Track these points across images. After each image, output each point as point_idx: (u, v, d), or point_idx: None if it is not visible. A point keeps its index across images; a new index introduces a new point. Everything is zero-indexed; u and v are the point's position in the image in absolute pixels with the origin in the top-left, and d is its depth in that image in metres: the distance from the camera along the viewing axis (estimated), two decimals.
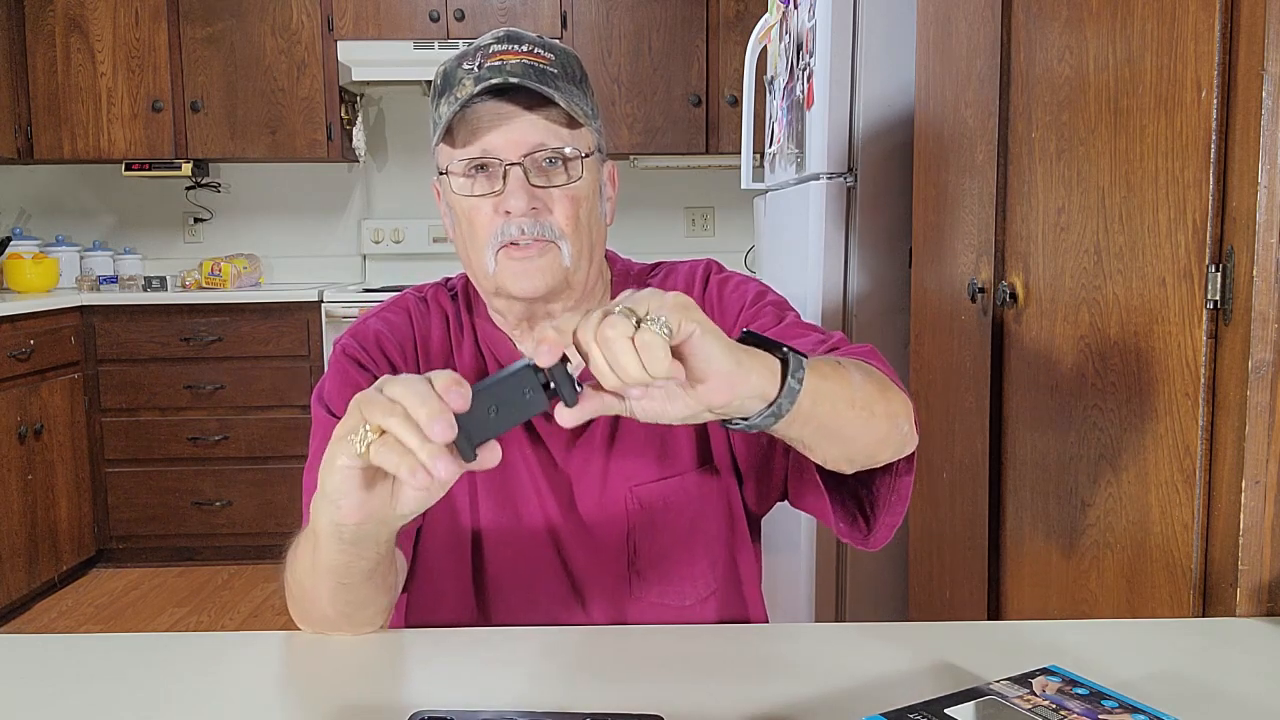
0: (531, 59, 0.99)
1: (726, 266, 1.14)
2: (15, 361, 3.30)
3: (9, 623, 3.29)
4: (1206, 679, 0.81)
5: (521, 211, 0.98)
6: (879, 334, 2.35)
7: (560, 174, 1.00)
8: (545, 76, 0.99)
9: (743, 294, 1.09)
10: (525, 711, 0.73)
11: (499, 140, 0.98)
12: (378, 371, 1.06)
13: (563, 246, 1.00)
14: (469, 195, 1.00)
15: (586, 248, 1.03)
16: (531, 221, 0.99)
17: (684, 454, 1.07)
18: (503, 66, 0.98)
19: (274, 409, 3.76)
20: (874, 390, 0.85)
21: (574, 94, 1.01)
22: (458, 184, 1.01)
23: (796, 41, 2.53)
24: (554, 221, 1.00)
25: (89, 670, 0.85)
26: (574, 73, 1.03)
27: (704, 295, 1.09)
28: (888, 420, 0.86)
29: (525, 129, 0.98)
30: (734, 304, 1.08)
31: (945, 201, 1.88)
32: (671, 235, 4.33)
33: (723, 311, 1.08)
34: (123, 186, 4.27)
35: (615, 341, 0.68)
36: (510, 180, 0.98)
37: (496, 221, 0.99)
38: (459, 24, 3.89)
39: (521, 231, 0.99)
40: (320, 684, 0.83)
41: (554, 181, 1.00)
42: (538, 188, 0.99)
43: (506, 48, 1.00)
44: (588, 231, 1.03)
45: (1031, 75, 1.52)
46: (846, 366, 0.85)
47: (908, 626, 0.95)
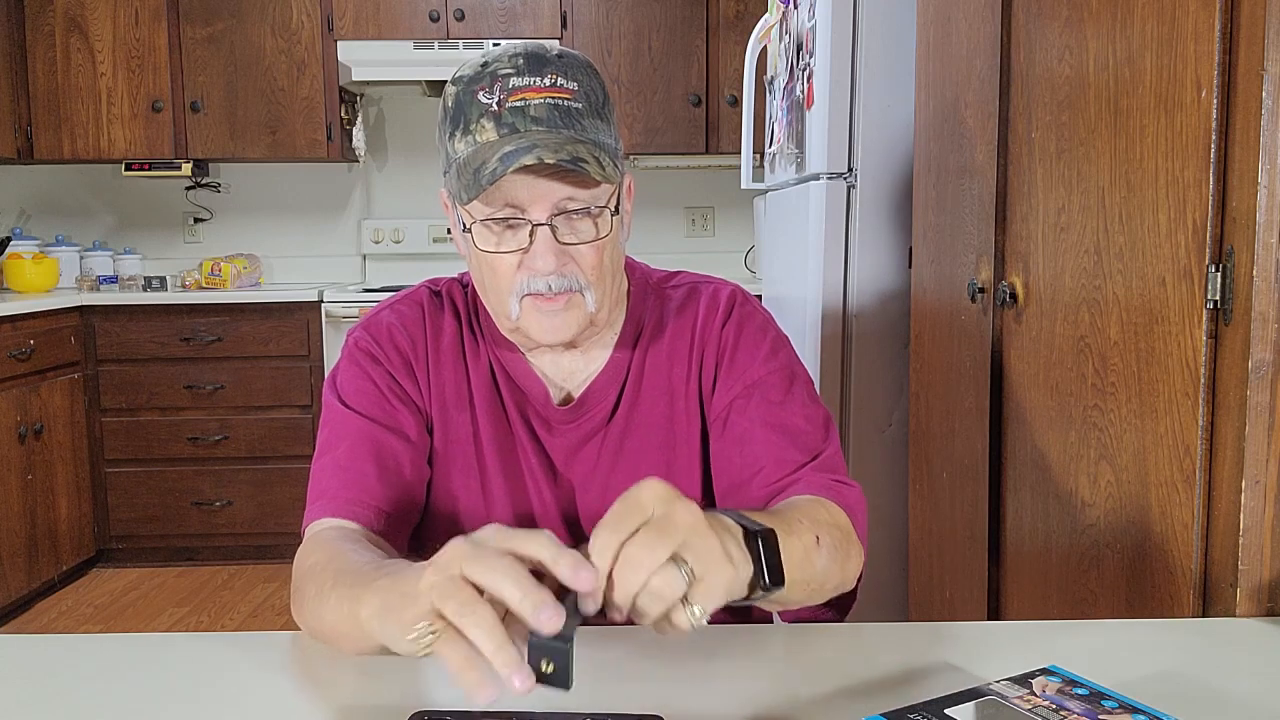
0: (555, 95, 0.95)
1: (750, 295, 1.13)
2: (15, 361, 3.30)
3: (9, 623, 3.29)
4: (1206, 679, 0.81)
5: (549, 271, 0.96)
6: (879, 334, 2.35)
7: (588, 228, 0.97)
8: (570, 117, 0.95)
9: (758, 347, 1.07)
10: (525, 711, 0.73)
11: (525, 198, 0.95)
12: (390, 366, 1.06)
13: (588, 295, 0.99)
14: (495, 251, 0.98)
15: (610, 288, 1.02)
16: (558, 278, 0.97)
17: (690, 490, 1.07)
18: (525, 110, 0.94)
19: (274, 409, 3.76)
20: (834, 570, 0.90)
21: (600, 130, 0.97)
22: (481, 238, 0.98)
23: (796, 41, 2.53)
24: (580, 275, 0.98)
25: (89, 670, 0.85)
26: (597, 100, 0.98)
27: (722, 332, 1.08)
28: (834, 592, 0.92)
29: (554, 188, 0.95)
30: (747, 356, 1.06)
31: (945, 201, 1.88)
32: (671, 235, 4.33)
33: (734, 359, 1.06)
34: (123, 186, 4.27)
35: (652, 608, 0.68)
36: (538, 240, 0.96)
37: (522, 275, 0.98)
38: (459, 24, 3.88)
39: (549, 288, 0.97)
40: (320, 684, 0.83)
41: (582, 237, 0.97)
42: (565, 244, 0.97)
43: (528, 82, 0.95)
44: (612, 273, 1.02)
45: (1031, 75, 1.52)
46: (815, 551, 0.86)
47: (908, 626, 0.95)
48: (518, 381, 1.07)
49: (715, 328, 1.08)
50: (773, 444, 1.01)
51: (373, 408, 1.03)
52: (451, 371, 1.08)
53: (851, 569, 0.93)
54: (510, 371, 1.08)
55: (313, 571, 0.88)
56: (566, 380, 1.08)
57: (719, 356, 1.07)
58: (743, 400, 1.04)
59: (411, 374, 1.07)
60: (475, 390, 1.07)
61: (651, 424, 1.07)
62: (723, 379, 1.06)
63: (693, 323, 1.09)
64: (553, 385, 1.08)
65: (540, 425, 1.07)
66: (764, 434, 1.02)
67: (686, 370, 1.08)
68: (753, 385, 1.05)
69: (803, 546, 0.84)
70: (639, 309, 1.10)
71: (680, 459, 1.07)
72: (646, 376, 1.08)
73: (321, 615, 0.85)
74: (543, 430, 1.07)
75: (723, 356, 1.07)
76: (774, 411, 1.03)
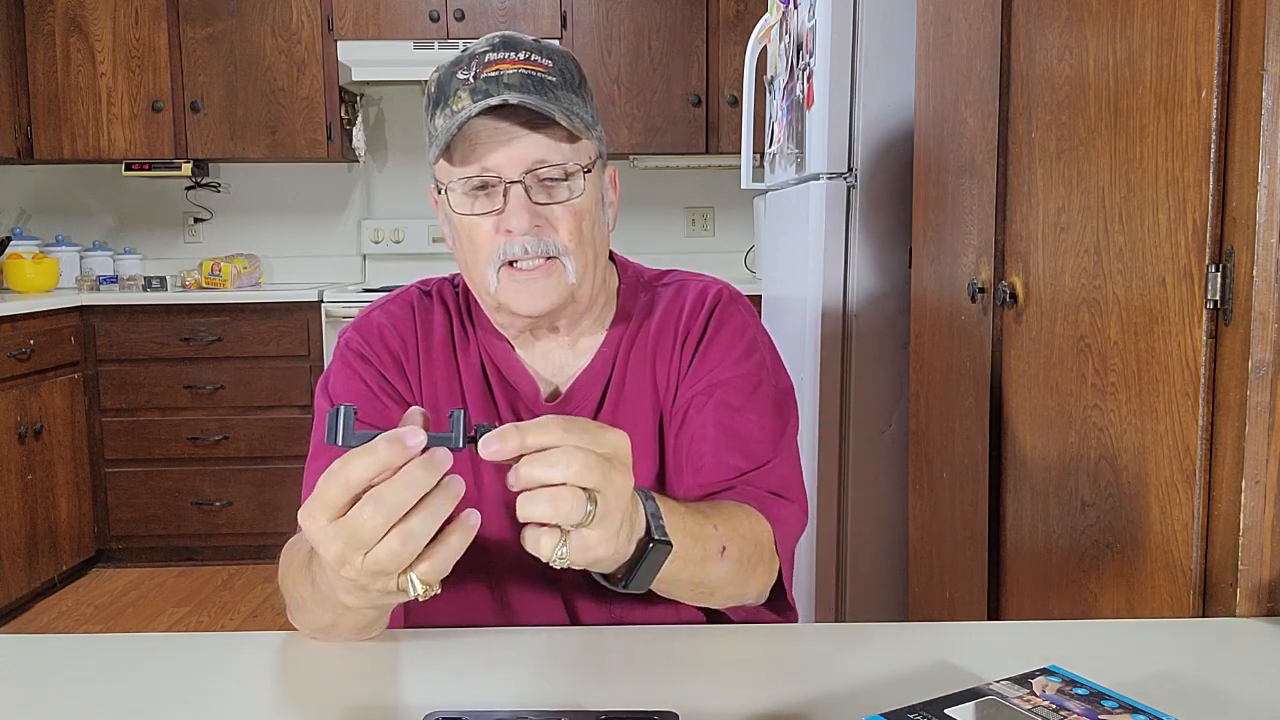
0: (529, 68, 0.97)
1: (740, 295, 1.13)
2: (15, 361, 3.30)
3: (9, 623, 3.29)
4: (1206, 679, 0.81)
5: (524, 230, 0.97)
6: (879, 334, 2.35)
7: (562, 189, 0.99)
8: (544, 86, 0.97)
9: (732, 346, 1.07)
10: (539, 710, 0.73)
11: (499, 158, 0.97)
12: (381, 366, 1.06)
13: (567, 263, 0.99)
14: (469, 214, 0.99)
15: (590, 261, 1.02)
16: (534, 240, 0.98)
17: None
18: (500, 78, 0.96)
19: (274, 409, 3.76)
20: (733, 581, 0.91)
21: (574, 102, 0.99)
22: (457, 202, 0.99)
23: (796, 41, 2.53)
24: (557, 238, 0.99)
25: (89, 670, 0.85)
26: (573, 78, 1.01)
27: (704, 325, 1.08)
28: (730, 601, 0.94)
29: (526, 146, 0.96)
30: (719, 354, 1.07)
31: (945, 201, 1.88)
32: (671, 235, 4.33)
33: (705, 354, 1.07)
34: (123, 186, 4.27)
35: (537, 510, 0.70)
36: (511, 199, 0.97)
37: (498, 240, 0.98)
38: (459, 24, 3.88)
39: (525, 250, 0.98)
40: (327, 685, 0.83)
41: (556, 198, 0.98)
42: (539, 205, 0.98)
43: (502, 56, 0.98)
44: (591, 244, 1.02)
45: (1031, 75, 1.52)
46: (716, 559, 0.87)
47: (908, 626, 0.95)
48: (508, 377, 1.08)
49: (699, 320, 1.08)
50: (719, 446, 1.02)
51: (364, 408, 1.03)
52: (443, 369, 1.08)
53: (755, 584, 0.95)
54: (501, 367, 1.08)
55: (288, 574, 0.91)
56: (556, 375, 1.09)
57: (695, 347, 1.07)
58: (703, 398, 1.04)
59: (403, 373, 1.07)
60: (466, 387, 1.08)
61: (638, 417, 1.07)
62: (691, 372, 1.07)
63: (678, 315, 1.09)
64: (543, 380, 1.08)
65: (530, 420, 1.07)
66: (715, 435, 1.03)
67: (668, 362, 1.08)
68: (715, 385, 1.05)
69: (702, 552, 0.85)
70: (629, 304, 1.11)
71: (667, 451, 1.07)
72: (631, 371, 1.08)
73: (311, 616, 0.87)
74: None
75: (697, 348, 1.07)
76: (730, 415, 1.03)
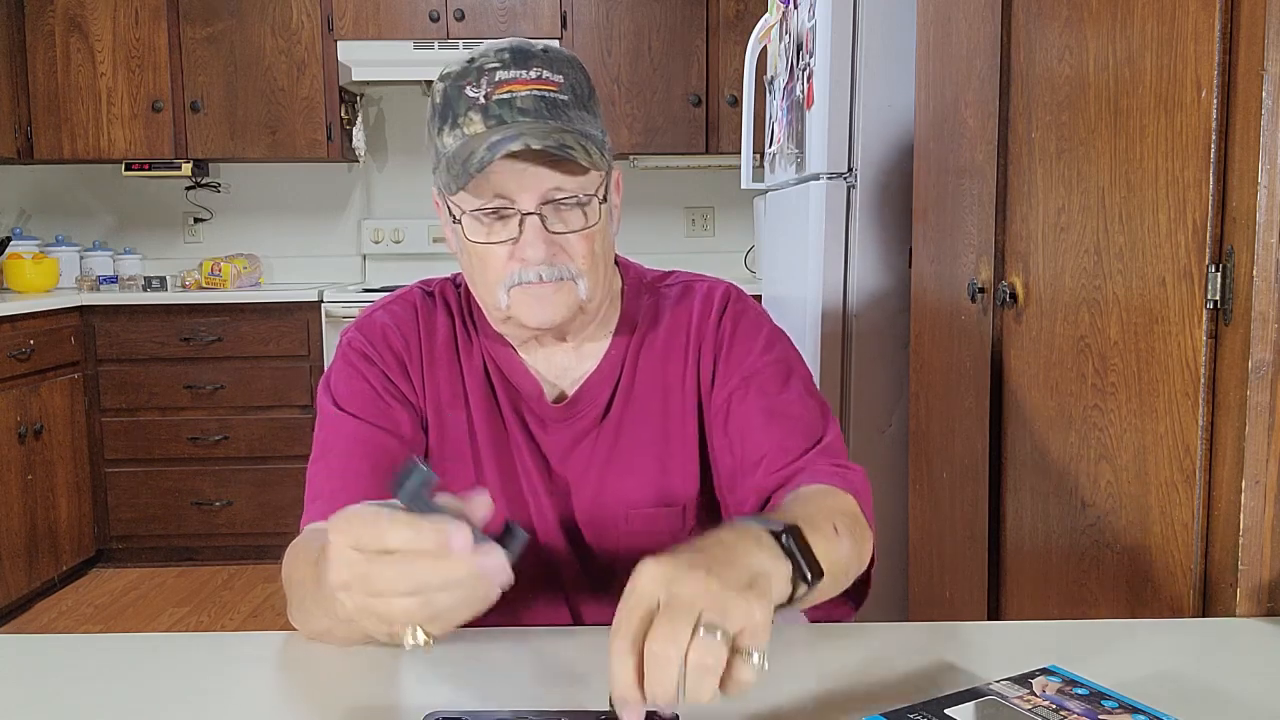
0: (541, 87, 0.95)
1: (744, 293, 1.13)
2: (15, 361, 3.30)
3: (9, 623, 3.29)
4: (1206, 679, 0.81)
5: (539, 261, 0.96)
6: (879, 334, 2.35)
7: (576, 216, 0.98)
8: (557, 108, 0.95)
9: (754, 339, 1.07)
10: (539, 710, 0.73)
11: (513, 187, 0.95)
12: (385, 366, 1.06)
13: (580, 283, 0.99)
14: (484, 242, 0.98)
15: (601, 276, 1.02)
16: (549, 267, 0.97)
17: (686, 487, 1.07)
18: (512, 101, 0.94)
19: (274, 409, 3.76)
20: (853, 557, 0.88)
21: (586, 121, 0.97)
22: (471, 229, 0.98)
23: (796, 41, 2.53)
24: (571, 264, 0.98)
25: (89, 670, 0.85)
26: (583, 92, 0.99)
27: (718, 327, 1.08)
28: (853, 578, 0.90)
29: (542, 177, 0.95)
30: (744, 348, 1.07)
31: (945, 201, 1.88)
32: (671, 235, 4.33)
33: (730, 352, 1.07)
34: (123, 186, 4.26)
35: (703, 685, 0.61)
36: (527, 230, 0.96)
37: (512, 266, 0.97)
38: (459, 24, 3.88)
39: (539, 277, 0.97)
40: (327, 685, 0.83)
41: (571, 225, 0.97)
42: (555, 233, 0.97)
43: (514, 75, 0.95)
44: (602, 260, 1.02)
45: (1031, 75, 1.52)
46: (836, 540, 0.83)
47: (908, 626, 0.95)
48: (511, 379, 1.07)
49: (711, 323, 1.08)
50: (774, 432, 1.01)
51: (367, 408, 1.03)
52: (446, 370, 1.08)
53: (865, 552, 0.92)
54: (504, 369, 1.08)
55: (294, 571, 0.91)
56: (560, 378, 1.08)
57: (716, 351, 1.07)
58: (741, 391, 1.04)
59: (406, 373, 1.07)
60: (470, 388, 1.07)
61: (645, 422, 1.07)
62: (720, 372, 1.06)
63: (688, 319, 1.09)
64: (546, 383, 1.08)
65: (535, 423, 1.07)
66: (764, 422, 1.02)
67: (682, 367, 1.08)
68: (750, 376, 1.05)
69: (824, 538, 0.82)
70: (633, 307, 1.10)
71: (675, 457, 1.07)
72: (640, 374, 1.08)
73: (310, 618, 0.87)
74: (537, 428, 1.07)
75: (720, 350, 1.07)
76: (772, 400, 1.03)
